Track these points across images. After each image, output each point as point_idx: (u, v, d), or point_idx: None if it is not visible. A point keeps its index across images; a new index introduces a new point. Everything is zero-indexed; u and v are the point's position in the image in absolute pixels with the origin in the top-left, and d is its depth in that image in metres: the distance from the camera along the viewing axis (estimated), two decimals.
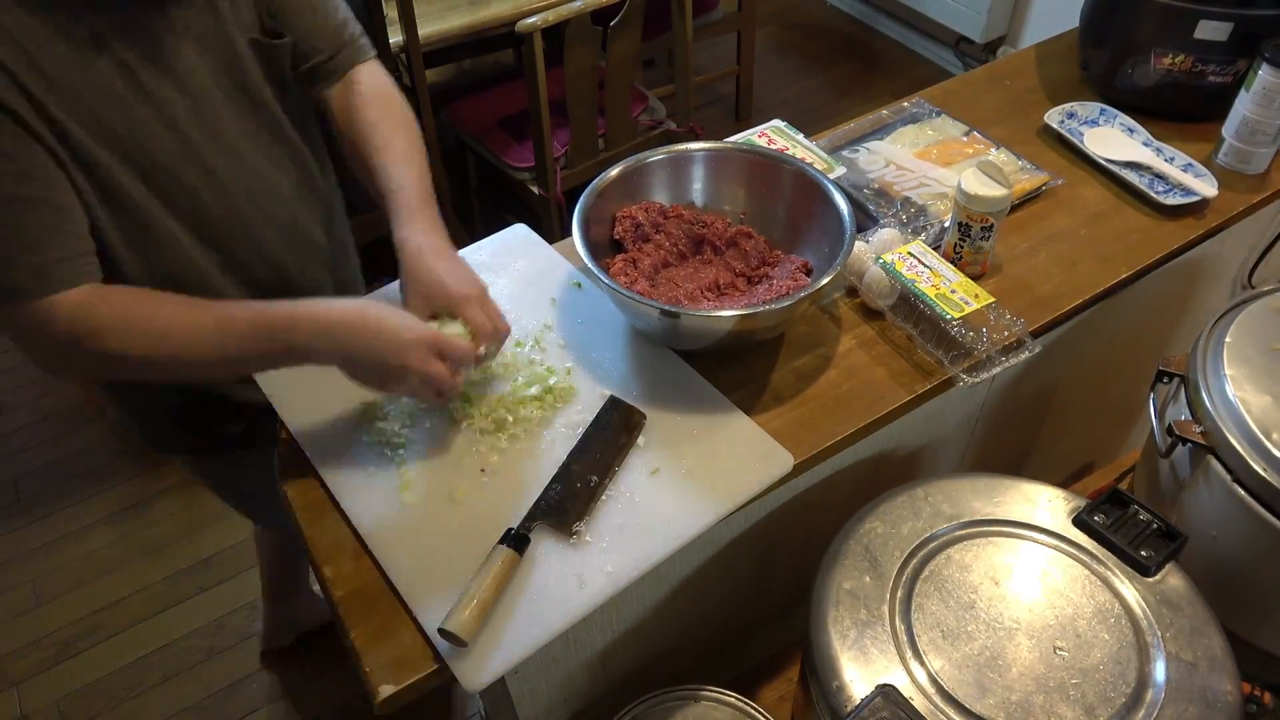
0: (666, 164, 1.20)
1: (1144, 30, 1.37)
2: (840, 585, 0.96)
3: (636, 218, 1.17)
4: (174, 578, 2.02)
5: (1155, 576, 0.95)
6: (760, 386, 1.08)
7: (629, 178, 1.18)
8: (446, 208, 2.34)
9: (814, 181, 1.15)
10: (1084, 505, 1.01)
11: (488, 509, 0.96)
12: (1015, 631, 0.91)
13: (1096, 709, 0.85)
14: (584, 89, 2.12)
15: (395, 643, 0.87)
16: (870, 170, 1.34)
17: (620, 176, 1.17)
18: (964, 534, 0.99)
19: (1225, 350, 1.08)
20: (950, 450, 1.37)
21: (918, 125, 1.43)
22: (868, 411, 1.06)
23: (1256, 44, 1.25)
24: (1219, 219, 1.29)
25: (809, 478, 1.15)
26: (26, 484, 2.22)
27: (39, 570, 2.05)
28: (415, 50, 2.01)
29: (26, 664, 1.89)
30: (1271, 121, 1.28)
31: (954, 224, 1.17)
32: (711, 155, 1.21)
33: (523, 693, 1.04)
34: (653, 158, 1.19)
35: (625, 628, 1.11)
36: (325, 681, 1.85)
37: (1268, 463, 0.98)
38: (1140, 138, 1.38)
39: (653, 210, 1.19)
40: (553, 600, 0.88)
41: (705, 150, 1.21)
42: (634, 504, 0.96)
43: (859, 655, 0.90)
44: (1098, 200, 1.33)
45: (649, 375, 1.08)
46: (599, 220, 1.16)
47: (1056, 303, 1.18)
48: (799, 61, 3.47)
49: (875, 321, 1.16)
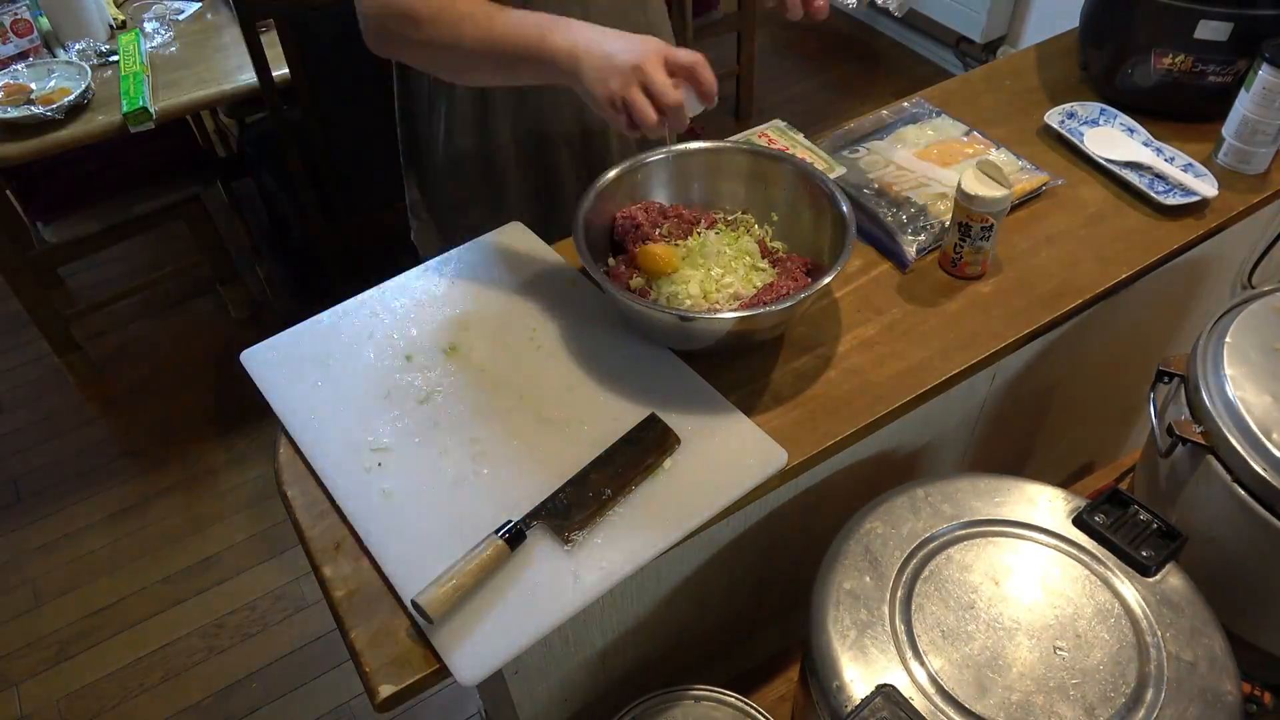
0: (666, 164, 1.20)
1: (1144, 30, 1.37)
2: (840, 585, 0.96)
3: (636, 217, 1.17)
4: (174, 578, 2.02)
5: (1155, 576, 0.95)
6: (760, 386, 1.08)
7: (629, 177, 1.18)
8: None
9: (815, 182, 1.15)
10: (1084, 505, 1.01)
11: (488, 506, 0.96)
12: (1015, 631, 0.91)
13: (1096, 709, 0.85)
14: None
15: (395, 643, 0.87)
16: (870, 170, 1.34)
17: (619, 176, 1.17)
18: (964, 534, 1.00)
19: (1225, 350, 1.08)
20: (950, 450, 1.37)
21: (918, 125, 1.43)
22: (868, 411, 1.06)
23: (1256, 44, 1.25)
24: (1219, 219, 1.29)
25: (809, 478, 1.15)
26: (26, 484, 2.22)
27: (39, 570, 2.05)
28: None
29: (26, 664, 1.89)
30: (1271, 121, 1.28)
31: (954, 224, 1.17)
32: (711, 154, 1.21)
33: (523, 692, 1.04)
34: (653, 157, 1.19)
35: (625, 628, 1.11)
36: (325, 681, 1.85)
37: (1268, 463, 0.98)
38: (1140, 138, 1.38)
39: (653, 210, 1.19)
40: (546, 595, 0.88)
41: (705, 149, 1.21)
42: (632, 502, 0.96)
43: (859, 655, 0.90)
44: (1098, 200, 1.33)
45: (650, 376, 1.08)
46: (599, 220, 1.16)
47: (1056, 303, 1.18)
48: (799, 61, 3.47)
49: (876, 321, 1.16)
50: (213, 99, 1.95)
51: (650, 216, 1.18)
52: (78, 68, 1.92)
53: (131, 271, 2.73)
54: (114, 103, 1.87)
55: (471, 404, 1.05)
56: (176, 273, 2.50)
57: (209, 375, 2.43)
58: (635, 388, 1.06)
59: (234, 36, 2.05)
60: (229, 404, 2.36)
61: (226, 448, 2.27)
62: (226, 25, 2.12)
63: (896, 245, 1.23)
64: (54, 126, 1.82)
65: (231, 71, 1.97)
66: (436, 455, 1.00)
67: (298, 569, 2.02)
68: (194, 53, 2.04)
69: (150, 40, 2.06)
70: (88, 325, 2.55)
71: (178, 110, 1.90)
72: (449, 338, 1.13)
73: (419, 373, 1.09)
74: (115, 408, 2.38)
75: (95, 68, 1.96)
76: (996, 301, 1.18)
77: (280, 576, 2.02)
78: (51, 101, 1.83)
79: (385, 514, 0.95)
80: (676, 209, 1.20)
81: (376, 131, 2.09)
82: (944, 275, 1.22)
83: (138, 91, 1.87)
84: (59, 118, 1.82)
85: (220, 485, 2.19)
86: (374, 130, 2.09)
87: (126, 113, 1.83)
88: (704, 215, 1.21)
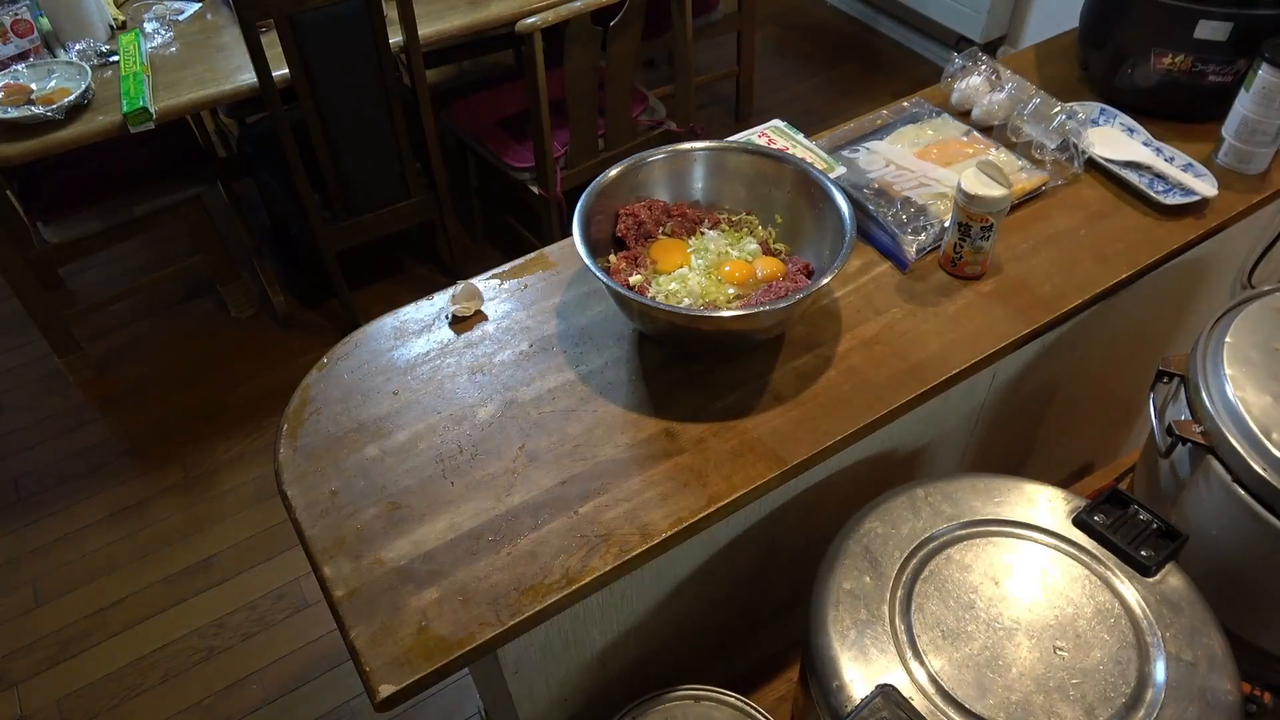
0: (668, 163, 1.20)
1: (1144, 30, 1.37)
2: (840, 585, 0.96)
3: (639, 215, 1.17)
4: (174, 578, 2.02)
5: (1155, 576, 0.95)
6: (760, 386, 1.08)
7: (630, 176, 1.18)
8: (446, 208, 2.34)
9: (815, 181, 1.15)
10: (1084, 505, 1.01)
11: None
12: (1015, 631, 0.91)
13: (1096, 709, 0.85)
14: (584, 89, 2.12)
15: (395, 643, 0.87)
16: (870, 170, 1.34)
17: (621, 175, 1.17)
18: (964, 534, 1.00)
19: (1225, 350, 1.08)
20: (950, 450, 1.37)
21: (918, 125, 1.43)
22: (868, 411, 1.06)
23: (1256, 44, 1.25)
24: (1219, 219, 1.29)
25: (809, 478, 1.15)
26: (26, 484, 2.22)
27: (39, 570, 2.05)
28: (415, 50, 2.01)
29: (26, 664, 1.89)
30: (1271, 121, 1.28)
31: (954, 224, 1.17)
32: (713, 154, 1.21)
33: (523, 692, 1.04)
34: (654, 157, 1.19)
35: (625, 628, 1.11)
36: (325, 681, 1.85)
37: (1268, 463, 0.98)
38: (1140, 138, 1.38)
39: (656, 208, 1.19)
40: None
41: (707, 149, 1.21)
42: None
43: (859, 655, 0.90)
44: (1098, 200, 1.33)
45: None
46: (601, 218, 1.16)
47: (1056, 303, 1.18)
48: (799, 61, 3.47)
49: (876, 321, 1.16)
50: (213, 99, 1.95)
51: (654, 214, 1.18)
52: (78, 68, 1.91)
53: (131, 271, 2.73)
54: (114, 103, 1.87)
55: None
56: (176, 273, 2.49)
57: (209, 375, 2.43)
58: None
59: (234, 36, 2.05)
60: (229, 404, 2.36)
61: (226, 448, 2.26)
62: (226, 25, 2.12)
63: (896, 245, 1.23)
64: (54, 127, 1.82)
65: (231, 71, 1.97)
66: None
67: (298, 569, 2.02)
68: (194, 53, 2.04)
69: (150, 40, 2.06)
70: (88, 325, 2.55)
71: (178, 110, 1.90)
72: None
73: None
74: (115, 408, 2.38)
75: (95, 68, 1.96)
76: (996, 301, 1.18)
77: (280, 576, 2.01)
78: (52, 102, 1.83)
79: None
80: (680, 207, 1.20)
81: (376, 131, 2.10)
82: (944, 275, 1.22)
83: (138, 92, 1.87)
84: (59, 118, 1.82)
85: (220, 485, 2.19)
86: (374, 130, 2.09)
87: (127, 113, 1.83)
88: (708, 215, 1.21)
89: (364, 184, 2.18)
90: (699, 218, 1.20)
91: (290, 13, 1.80)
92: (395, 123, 2.09)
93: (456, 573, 0.92)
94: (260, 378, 2.42)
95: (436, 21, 2.09)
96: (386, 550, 0.94)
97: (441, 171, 2.27)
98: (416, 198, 2.27)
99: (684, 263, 1.14)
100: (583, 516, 0.96)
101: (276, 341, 2.50)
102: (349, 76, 1.96)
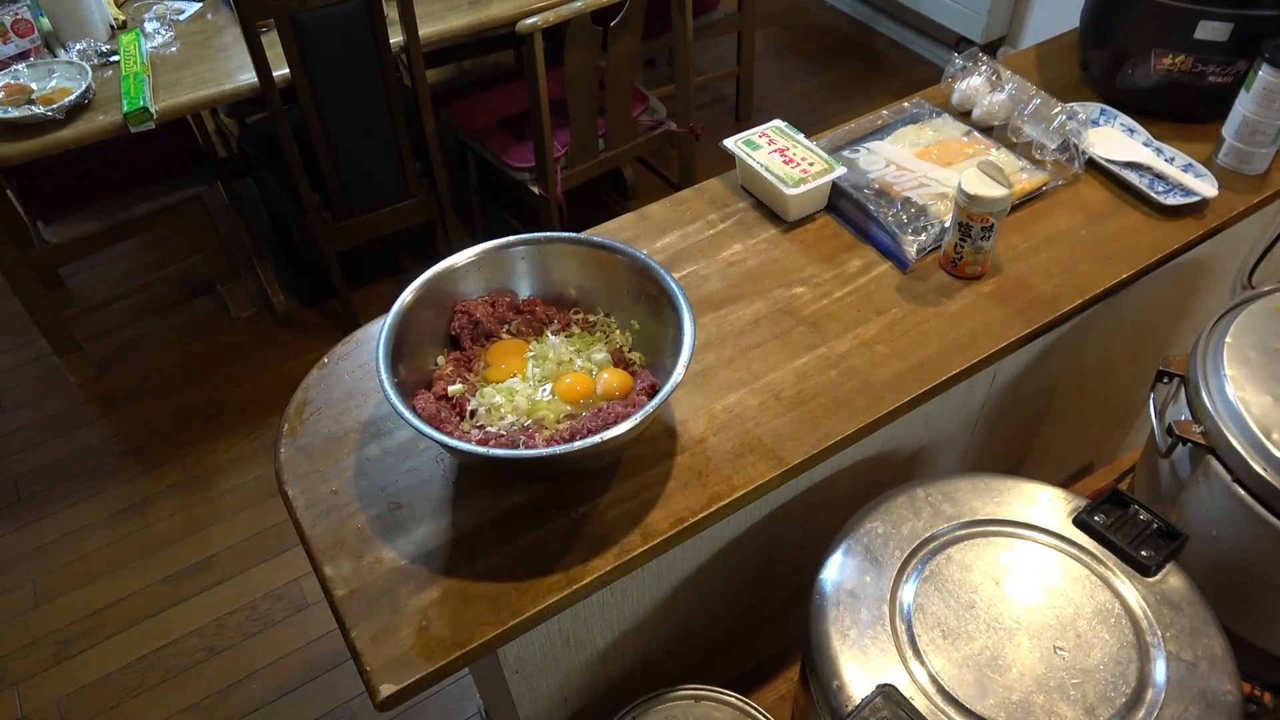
0: (528, 253, 1.05)
1: (1144, 30, 1.37)
2: (840, 585, 0.96)
3: (474, 313, 1.03)
4: (174, 578, 2.02)
5: (1155, 576, 0.95)
6: (760, 386, 1.08)
7: (487, 264, 1.05)
8: (447, 208, 2.34)
9: (651, 277, 0.99)
10: (1084, 505, 1.01)
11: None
12: (1015, 631, 0.91)
13: (1096, 709, 0.85)
14: (584, 89, 2.12)
15: (395, 643, 0.87)
16: (870, 170, 1.34)
17: (476, 262, 1.04)
18: (964, 534, 1.00)
19: (1225, 350, 1.08)
20: (950, 450, 1.37)
21: (918, 125, 1.43)
22: (868, 411, 1.06)
23: (1256, 44, 1.25)
24: (1219, 219, 1.29)
25: (809, 478, 1.15)
26: (26, 484, 2.22)
27: (39, 570, 2.05)
28: (415, 50, 2.01)
29: (26, 664, 1.89)
30: (1271, 122, 1.28)
31: (954, 224, 1.17)
32: (540, 246, 1.06)
33: (523, 692, 1.04)
34: (514, 247, 1.05)
35: (625, 627, 1.11)
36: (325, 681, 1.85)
37: (1268, 463, 0.98)
38: (1140, 138, 1.38)
39: (502, 304, 1.05)
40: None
41: (531, 240, 1.06)
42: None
43: (859, 655, 0.90)
44: (1098, 200, 1.33)
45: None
46: (434, 311, 1.03)
47: (1056, 303, 1.18)
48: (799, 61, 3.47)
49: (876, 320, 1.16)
50: (213, 99, 1.95)
51: (497, 312, 1.05)
52: (78, 68, 1.91)
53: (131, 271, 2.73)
54: (114, 103, 1.87)
55: None
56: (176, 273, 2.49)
57: (209, 375, 2.43)
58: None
59: (234, 36, 2.05)
60: (229, 404, 2.36)
61: (226, 448, 2.26)
62: (226, 25, 2.12)
63: (897, 245, 1.23)
64: (54, 126, 1.82)
65: (231, 71, 1.97)
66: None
67: (298, 569, 2.02)
68: (194, 53, 2.04)
69: (151, 40, 2.06)
70: (88, 325, 2.55)
71: (178, 110, 1.90)
72: None
73: None
74: (115, 408, 2.38)
75: (96, 68, 1.96)
76: (996, 301, 1.18)
77: (280, 576, 2.01)
78: (52, 101, 1.83)
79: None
80: (533, 303, 1.07)
81: (376, 131, 2.10)
82: (944, 275, 1.22)
83: (138, 91, 1.87)
84: (59, 118, 1.82)
85: (220, 485, 2.19)
86: (374, 130, 2.09)
87: (127, 113, 1.83)
88: (560, 315, 1.07)
89: (364, 184, 2.18)
90: (549, 318, 1.06)
91: (291, 12, 1.80)
92: (396, 122, 2.09)
93: (457, 572, 0.92)
94: (260, 378, 2.42)
95: (437, 21, 2.09)
96: (387, 550, 0.94)
97: (442, 171, 2.27)
98: (417, 197, 2.27)
99: (519, 370, 1.01)
100: (583, 516, 0.96)
101: (276, 341, 2.50)
102: (349, 76, 1.96)
